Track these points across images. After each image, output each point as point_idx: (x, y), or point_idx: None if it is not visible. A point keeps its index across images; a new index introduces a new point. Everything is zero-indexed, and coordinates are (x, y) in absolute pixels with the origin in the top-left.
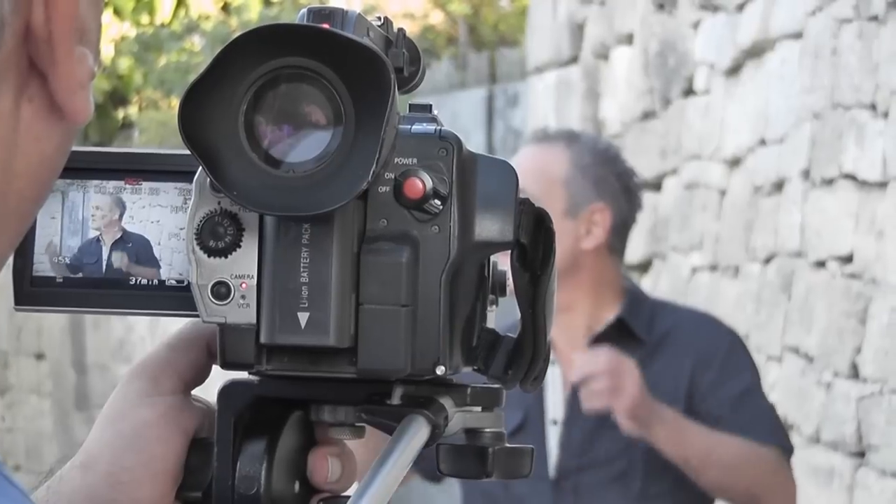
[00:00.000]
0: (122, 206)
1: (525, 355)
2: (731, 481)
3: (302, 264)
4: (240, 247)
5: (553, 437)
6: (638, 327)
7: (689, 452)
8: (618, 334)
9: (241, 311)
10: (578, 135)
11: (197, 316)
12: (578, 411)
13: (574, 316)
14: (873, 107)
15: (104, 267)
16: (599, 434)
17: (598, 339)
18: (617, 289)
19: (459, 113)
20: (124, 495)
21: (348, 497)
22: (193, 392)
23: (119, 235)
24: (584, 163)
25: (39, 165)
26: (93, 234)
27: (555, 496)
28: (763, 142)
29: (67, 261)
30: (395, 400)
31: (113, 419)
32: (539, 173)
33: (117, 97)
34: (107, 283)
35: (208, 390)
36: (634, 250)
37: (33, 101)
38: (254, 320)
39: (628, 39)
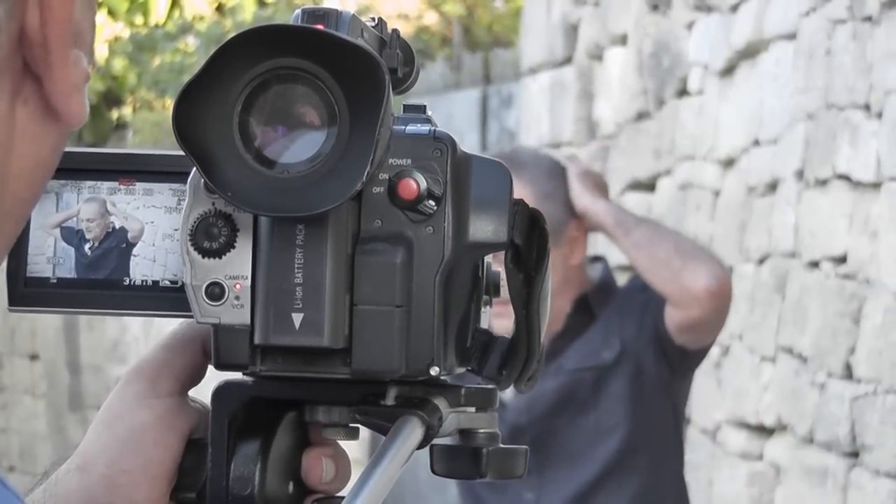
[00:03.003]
0: (106, 208)
1: (519, 356)
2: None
3: (296, 265)
4: (234, 247)
5: None
6: (595, 305)
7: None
8: (577, 311)
9: (235, 312)
10: (522, 160)
11: (191, 317)
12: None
13: (555, 321)
14: (867, 107)
15: (97, 268)
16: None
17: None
18: (589, 279)
19: (454, 113)
20: (121, 497)
21: (342, 498)
22: (189, 393)
23: (105, 233)
24: (544, 192)
25: (35, 168)
26: (87, 236)
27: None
28: (757, 142)
29: (61, 261)
30: (390, 401)
31: (110, 421)
32: None
33: (111, 98)
34: (101, 284)
35: (203, 391)
36: None
37: (28, 103)
38: (248, 321)
39: (622, 40)
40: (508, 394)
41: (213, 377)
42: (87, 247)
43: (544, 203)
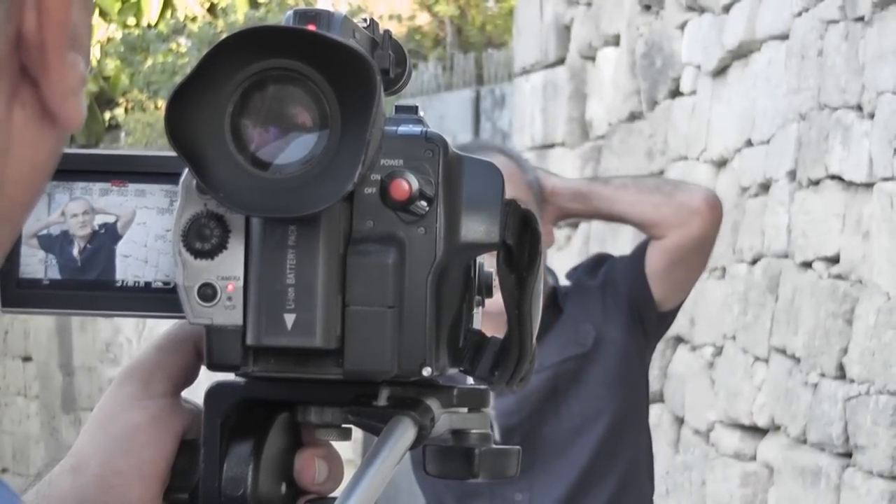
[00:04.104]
0: (92, 207)
1: (511, 356)
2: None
3: (288, 266)
4: (226, 248)
5: None
6: (561, 299)
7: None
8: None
9: (227, 313)
10: (497, 148)
11: (183, 317)
12: None
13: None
14: (859, 108)
15: (89, 269)
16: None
17: None
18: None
19: (446, 114)
20: (114, 498)
21: (335, 498)
22: (182, 394)
23: (90, 234)
24: (529, 178)
25: (32, 171)
26: (76, 233)
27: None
28: (749, 143)
29: (54, 262)
30: (382, 401)
31: (103, 422)
32: None
33: (104, 99)
34: (93, 285)
35: (195, 392)
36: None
37: (25, 106)
38: (240, 322)
39: (615, 40)
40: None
41: (206, 378)
42: (74, 250)
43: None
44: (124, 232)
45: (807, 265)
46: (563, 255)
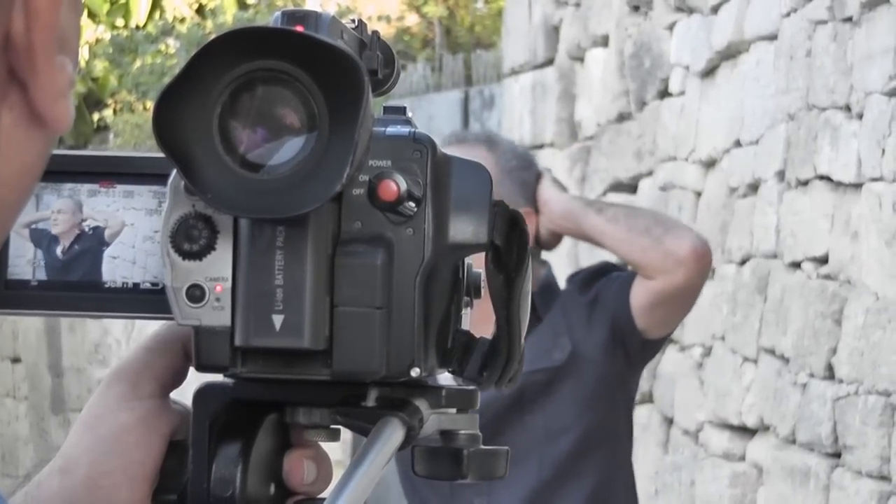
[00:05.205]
0: (81, 208)
1: (500, 357)
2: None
3: (276, 267)
4: (214, 249)
5: None
6: (540, 307)
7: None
8: None
9: (215, 314)
10: (498, 138)
11: (172, 319)
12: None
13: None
14: (848, 108)
15: (70, 269)
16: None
17: None
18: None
19: (435, 115)
20: (102, 499)
21: (324, 499)
22: (170, 395)
23: (74, 237)
24: (509, 167)
25: (21, 174)
26: (54, 231)
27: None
28: (738, 143)
29: (42, 264)
30: (370, 402)
31: (92, 424)
32: None
33: (92, 100)
34: (82, 286)
35: (184, 393)
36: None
37: (14, 109)
38: (228, 323)
39: (603, 41)
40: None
41: (195, 379)
42: (58, 249)
43: (503, 177)
44: (112, 241)
45: (796, 265)
46: (552, 254)
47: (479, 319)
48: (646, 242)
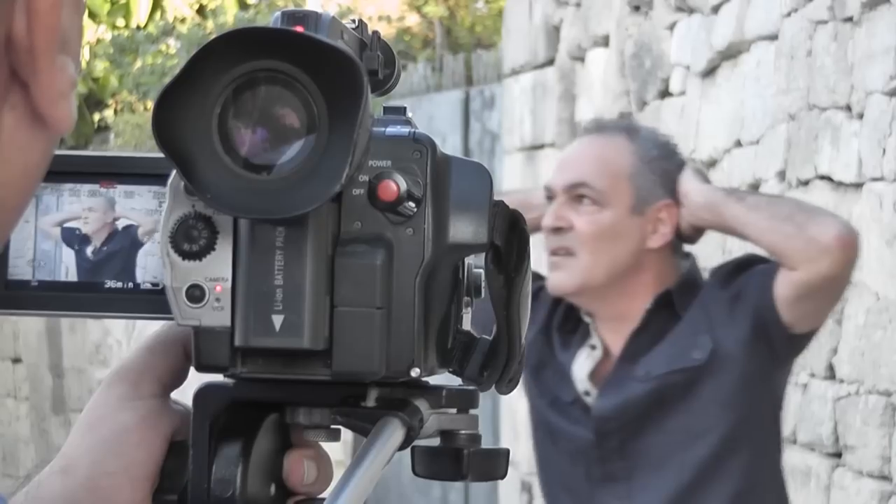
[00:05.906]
0: (114, 208)
1: (500, 357)
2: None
3: (276, 267)
4: (214, 250)
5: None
6: (678, 303)
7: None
8: (659, 307)
9: (215, 314)
10: (638, 127)
11: (172, 319)
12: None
13: (629, 325)
14: (848, 108)
15: (78, 270)
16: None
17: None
18: (674, 274)
19: (435, 115)
20: (103, 500)
21: (324, 499)
22: (171, 395)
23: (106, 235)
24: (649, 157)
25: (23, 175)
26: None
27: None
28: (739, 143)
29: (42, 264)
30: (370, 402)
31: (93, 424)
32: (603, 167)
33: (93, 100)
34: (82, 287)
35: (184, 393)
36: None
37: (16, 110)
38: (228, 323)
39: (604, 41)
40: (595, 398)
41: (195, 379)
42: (89, 249)
43: (643, 167)
44: (145, 239)
45: None
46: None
47: None
48: (789, 230)
